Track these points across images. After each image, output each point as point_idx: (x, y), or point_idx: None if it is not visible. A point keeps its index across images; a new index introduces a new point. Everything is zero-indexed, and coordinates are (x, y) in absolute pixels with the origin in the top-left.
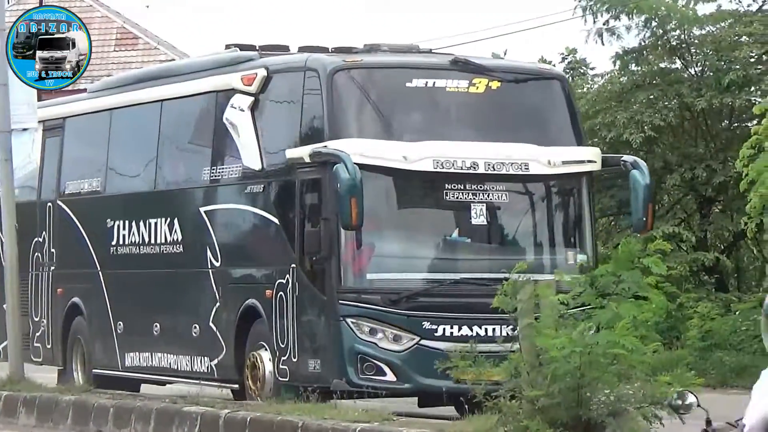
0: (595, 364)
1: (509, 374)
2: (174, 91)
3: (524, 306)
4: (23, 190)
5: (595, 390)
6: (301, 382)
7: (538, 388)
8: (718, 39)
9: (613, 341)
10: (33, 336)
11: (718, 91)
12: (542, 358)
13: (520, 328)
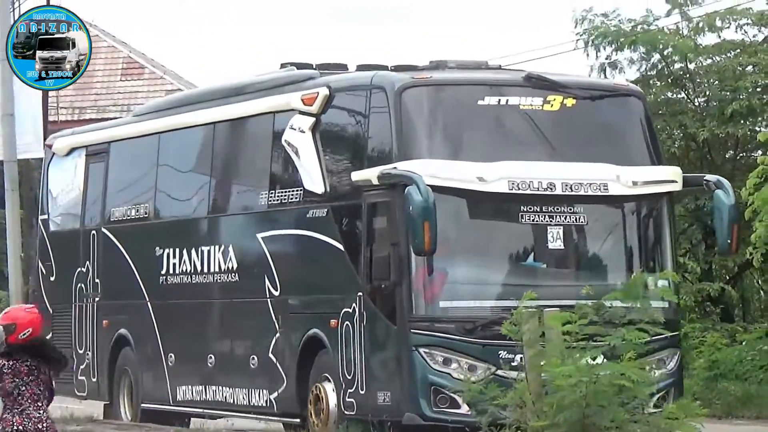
0: (601, 394)
1: (514, 404)
2: (228, 112)
3: (531, 335)
4: (66, 218)
5: (600, 420)
6: (370, 416)
7: (543, 418)
8: (721, 69)
9: (618, 371)
10: (77, 369)
11: (721, 121)
12: (548, 388)
13: (527, 358)
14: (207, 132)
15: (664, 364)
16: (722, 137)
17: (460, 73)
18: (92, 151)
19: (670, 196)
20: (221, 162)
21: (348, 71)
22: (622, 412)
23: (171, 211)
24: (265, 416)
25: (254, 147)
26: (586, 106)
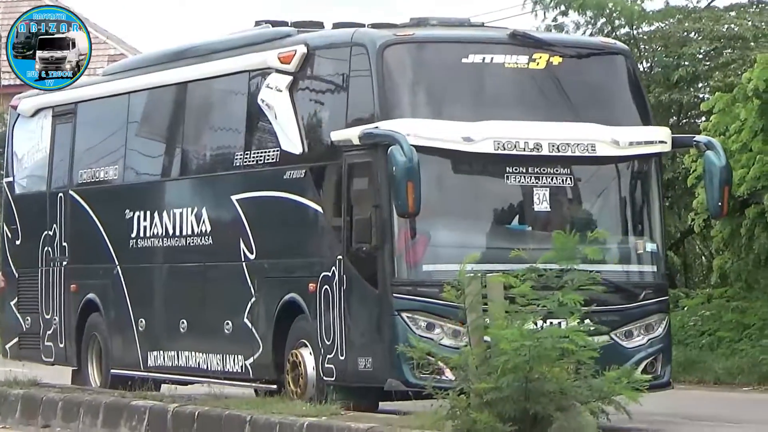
0: (544, 358)
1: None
2: (201, 71)
3: (473, 300)
4: (32, 180)
5: (543, 384)
6: (350, 382)
7: (487, 381)
8: (667, 35)
9: (562, 336)
10: (44, 334)
11: (666, 87)
12: (491, 352)
13: (469, 322)
14: (179, 91)
15: (652, 329)
16: (666, 103)
17: (443, 31)
18: (59, 111)
19: (659, 158)
20: (194, 122)
21: (324, 29)
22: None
23: (141, 172)
24: (240, 382)
25: (229, 107)
26: (572, 64)
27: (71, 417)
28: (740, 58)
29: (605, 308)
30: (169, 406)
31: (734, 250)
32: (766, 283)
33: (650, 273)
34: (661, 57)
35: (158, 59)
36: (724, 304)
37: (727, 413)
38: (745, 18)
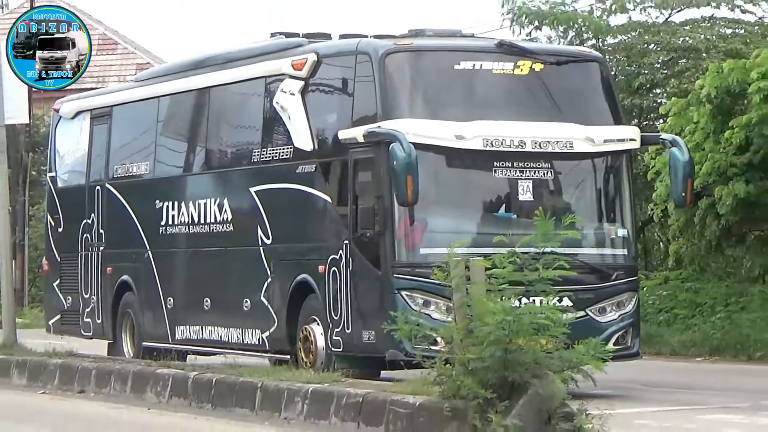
0: (522, 332)
1: (446, 340)
2: (222, 77)
3: (458, 280)
4: (72, 175)
5: (520, 355)
6: (355, 353)
7: (471, 352)
8: (629, 47)
9: (538, 312)
10: (83, 312)
11: (628, 93)
12: (474, 326)
13: (455, 299)
14: (203, 95)
15: (623, 306)
16: (628, 107)
17: (438, 41)
18: (96, 114)
19: (629, 154)
20: (216, 123)
21: (331, 40)
22: (539, 348)
23: (169, 167)
24: (257, 353)
25: (247, 109)
26: (552, 70)
27: (103, 383)
28: (693, 67)
29: (581, 287)
30: (190, 374)
31: (688, 237)
32: (717, 266)
33: (621, 256)
34: (624, 66)
35: (183, 67)
36: (679, 285)
37: (682, 381)
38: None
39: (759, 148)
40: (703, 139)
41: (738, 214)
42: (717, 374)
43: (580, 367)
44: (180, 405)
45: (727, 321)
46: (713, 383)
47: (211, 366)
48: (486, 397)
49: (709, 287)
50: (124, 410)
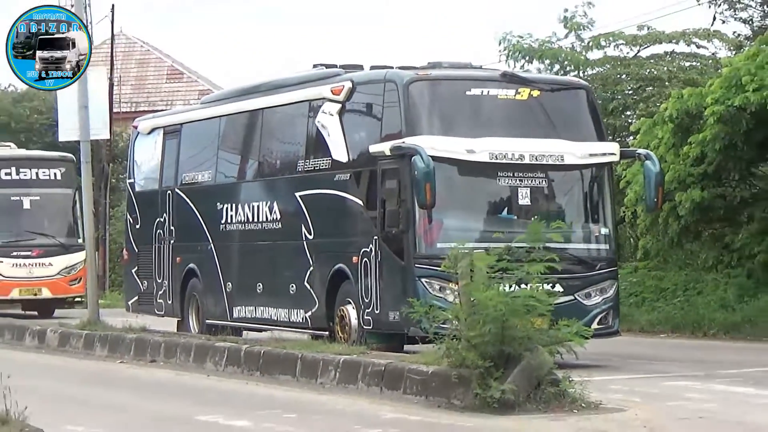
0: (516, 312)
1: (452, 320)
2: (273, 101)
3: (463, 270)
4: (147, 181)
5: (514, 332)
6: (383, 330)
7: (474, 330)
8: (604, 77)
9: (529, 296)
10: (156, 294)
11: (604, 115)
12: (476, 308)
13: (461, 286)
14: (256, 116)
15: (605, 291)
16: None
17: (452, 71)
18: (168, 130)
19: (610, 166)
20: (267, 138)
21: (363, 70)
22: (530, 326)
23: (228, 175)
24: (301, 330)
25: (293, 127)
26: (547, 96)
27: (171, 354)
28: (658, 93)
29: (570, 276)
30: (242, 347)
31: (654, 234)
32: (677, 258)
33: (604, 250)
34: (600, 93)
35: (240, 92)
36: (646, 273)
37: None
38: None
39: (712, 161)
40: (665, 152)
41: (694, 216)
42: (677, 348)
43: (565, 343)
44: (233, 372)
45: (686, 303)
46: (674, 356)
47: (260, 340)
48: (486, 366)
49: (671, 275)
50: (188, 376)
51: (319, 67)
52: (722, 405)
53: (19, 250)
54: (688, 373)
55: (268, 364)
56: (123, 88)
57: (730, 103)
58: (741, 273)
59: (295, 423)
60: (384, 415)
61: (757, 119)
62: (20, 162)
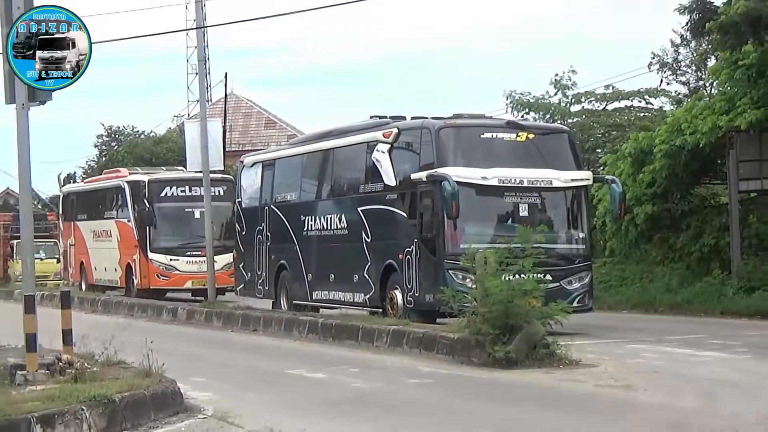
0: (516, 295)
1: (471, 301)
2: (341, 142)
3: (478, 264)
4: (250, 200)
5: (516, 309)
6: (421, 308)
7: (486, 308)
8: (581, 124)
9: (525, 283)
10: (257, 282)
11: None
12: (487, 292)
13: (477, 276)
14: (329, 153)
15: (583, 279)
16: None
17: (470, 120)
18: (266, 164)
19: (586, 188)
20: (337, 169)
21: (406, 119)
22: (527, 305)
23: (309, 195)
24: (362, 308)
25: (356, 161)
26: (540, 137)
27: (268, 325)
28: (620, 136)
29: (556, 268)
30: (319, 320)
31: (618, 238)
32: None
33: (582, 249)
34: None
35: (316, 136)
36: (612, 267)
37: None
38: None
39: (660, 184)
40: (626, 178)
41: (648, 224)
42: (635, 321)
43: (553, 316)
44: (313, 339)
45: (641, 288)
46: (633, 326)
47: (332, 315)
48: (495, 334)
49: (630, 268)
50: (279, 341)
51: (375, 117)
52: (669, 362)
53: (192, 251)
54: (644, 339)
55: (338, 332)
56: (232, 133)
57: (673, 143)
58: (681, 266)
59: (358, 375)
60: (422, 369)
61: (693, 154)
62: (192, 182)
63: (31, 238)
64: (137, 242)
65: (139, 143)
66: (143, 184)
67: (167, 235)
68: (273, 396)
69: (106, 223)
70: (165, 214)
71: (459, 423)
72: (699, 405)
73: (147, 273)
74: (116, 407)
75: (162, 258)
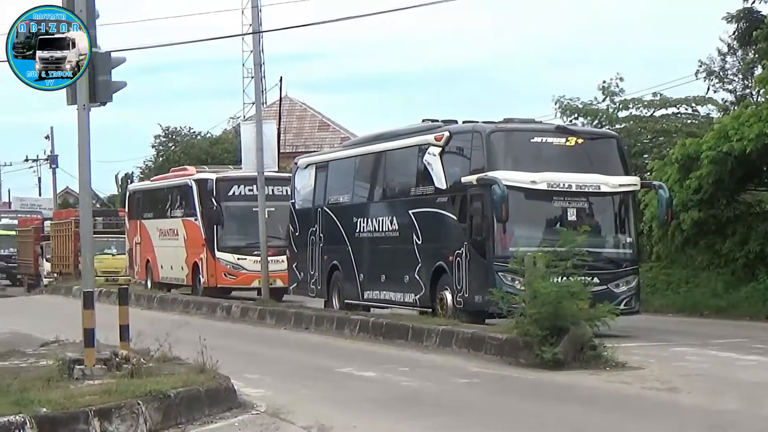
0: (564, 296)
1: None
2: (393, 145)
3: (528, 266)
4: (304, 201)
5: (564, 310)
6: (471, 309)
7: (534, 309)
8: (629, 130)
9: (571, 285)
10: (310, 281)
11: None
12: (536, 294)
13: (526, 278)
14: (381, 155)
15: (630, 282)
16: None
17: (521, 124)
18: (319, 166)
19: (633, 193)
20: (389, 172)
21: (457, 123)
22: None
23: (361, 197)
24: (412, 308)
25: (407, 164)
26: (589, 142)
27: (319, 324)
28: (667, 142)
29: (604, 271)
30: (370, 319)
31: (664, 243)
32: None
33: (629, 253)
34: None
35: (369, 138)
36: (659, 271)
37: (660, 328)
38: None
39: (706, 191)
40: (673, 184)
41: (693, 230)
42: (681, 324)
43: (600, 319)
44: (364, 337)
45: (687, 293)
46: (678, 330)
47: (382, 314)
48: (543, 335)
49: (676, 272)
50: (331, 340)
51: (426, 121)
52: (713, 366)
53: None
54: (689, 342)
55: (388, 331)
56: (287, 135)
57: (720, 150)
58: (727, 272)
59: (407, 374)
60: (470, 368)
61: (739, 161)
62: None
63: (90, 236)
64: (204, 241)
65: (196, 144)
66: (211, 182)
67: (235, 233)
68: (324, 393)
69: (173, 222)
70: (232, 212)
71: (506, 422)
72: (741, 407)
73: (214, 272)
74: (171, 402)
75: (229, 257)
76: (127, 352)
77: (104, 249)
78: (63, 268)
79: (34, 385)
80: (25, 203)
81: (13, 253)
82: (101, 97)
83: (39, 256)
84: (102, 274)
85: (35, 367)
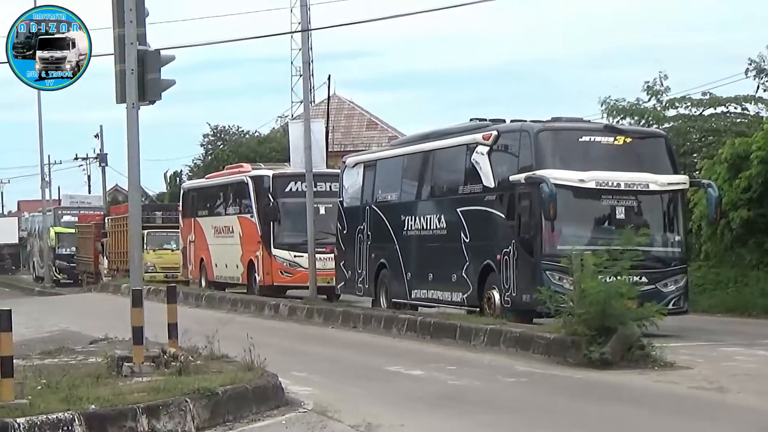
0: (613, 296)
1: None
2: (441, 144)
3: (576, 266)
4: (352, 199)
5: (612, 310)
6: (518, 308)
7: (582, 309)
8: (677, 129)
9: (620, 284)
10: (357, 280)
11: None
12: (584, 293)
13: (575, 278)
14: (429, 154)
15: (678, 282)
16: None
17: (569, 123)
18: (367, 164)
19: (683, 192)
20: (437, 170)
21: (505, 122)
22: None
23: (409, 195)
24: (460, 307)
25: (455, 162)
26: (637, 141)
27: (367, 322)
28: (717, 141)
29: (652, 270)
30: (417, 318)
31: (713, 242)
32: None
33: (678, 252)
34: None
35: (417, 137)
36: (707, 270)
37: (708, 328)
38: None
39: (756, 190)
40: (722, 183)
41: (743, 229)
42: (729, 324)
43: (648, 318)
44: (411, 336)
45: (736, 292)
46: (727, 330)
47: (430, 314)
48: (591, 335)
49: (725, 272)
50: (379, 339)
51: (474, 120)
52: (762, 365)
53: (317, 247)
54: (737, 342)
55: (436, 330)
56: (335, 134)
57: None
58: None
59: (455, 372)
60: (518, 368)
61: None
62: (317, 177)
63: (139, 234)
64: (260, 238)
65: (244, 143)
66: (268, 179)
67: (291, 230)
68: (372, 391)
69: (228, 219)
70: (289, 209)
71: (554, 421)
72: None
73: (270, 269)
74: (219, 400)
75: (286, 254)
76: (175, 350)
77: (164, 244)
78: (120, 265)
79: (83, 382)
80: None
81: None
82: (150, 95)
83: (99, 254)
84: (161, 270)
85: (84, 365)
